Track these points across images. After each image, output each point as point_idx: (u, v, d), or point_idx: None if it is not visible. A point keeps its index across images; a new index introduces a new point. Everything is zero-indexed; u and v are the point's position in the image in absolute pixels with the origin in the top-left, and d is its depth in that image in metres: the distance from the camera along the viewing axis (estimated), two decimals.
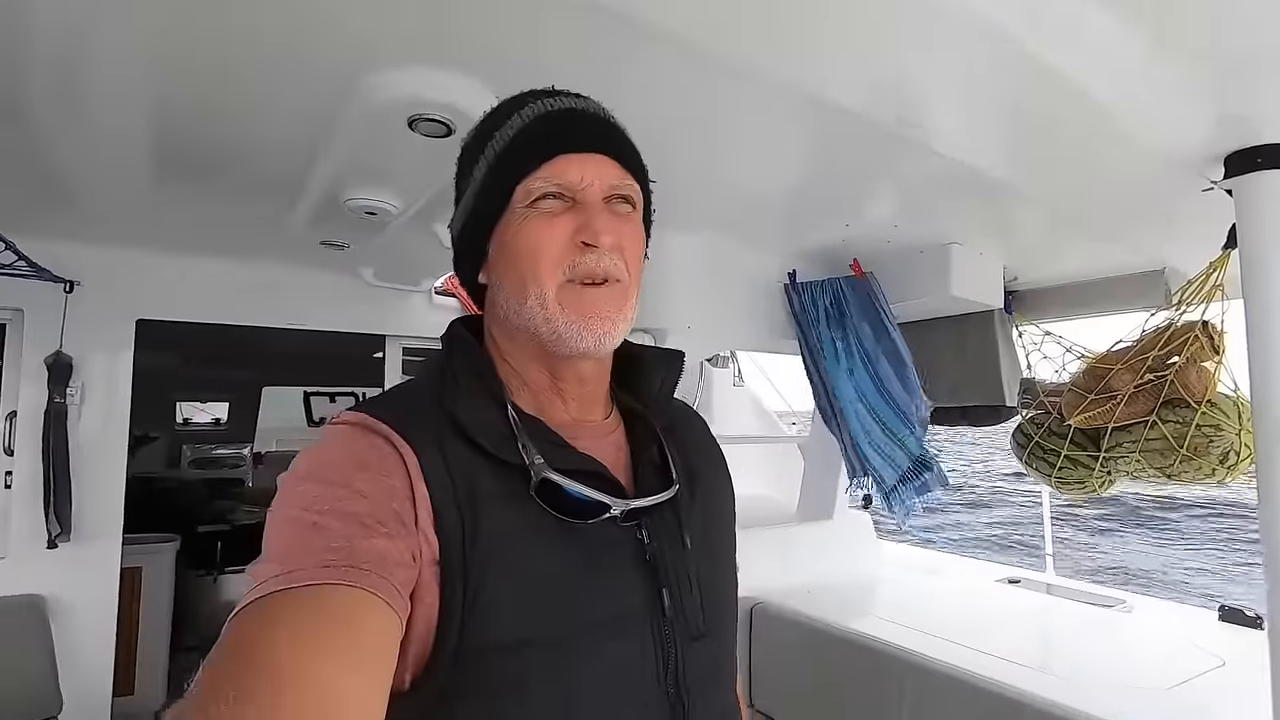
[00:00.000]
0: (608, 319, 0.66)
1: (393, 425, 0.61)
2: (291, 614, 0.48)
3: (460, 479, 0.60)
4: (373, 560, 0.52)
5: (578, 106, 0.71)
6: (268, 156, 1.61)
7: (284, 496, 0.58)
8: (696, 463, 0.78)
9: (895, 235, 2.04)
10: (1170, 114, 1.20)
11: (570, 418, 0.72)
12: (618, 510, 0.64)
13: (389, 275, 2.72)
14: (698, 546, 0.71)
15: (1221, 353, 1.54)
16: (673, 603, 0.66)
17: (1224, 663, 1.89)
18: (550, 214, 0.66)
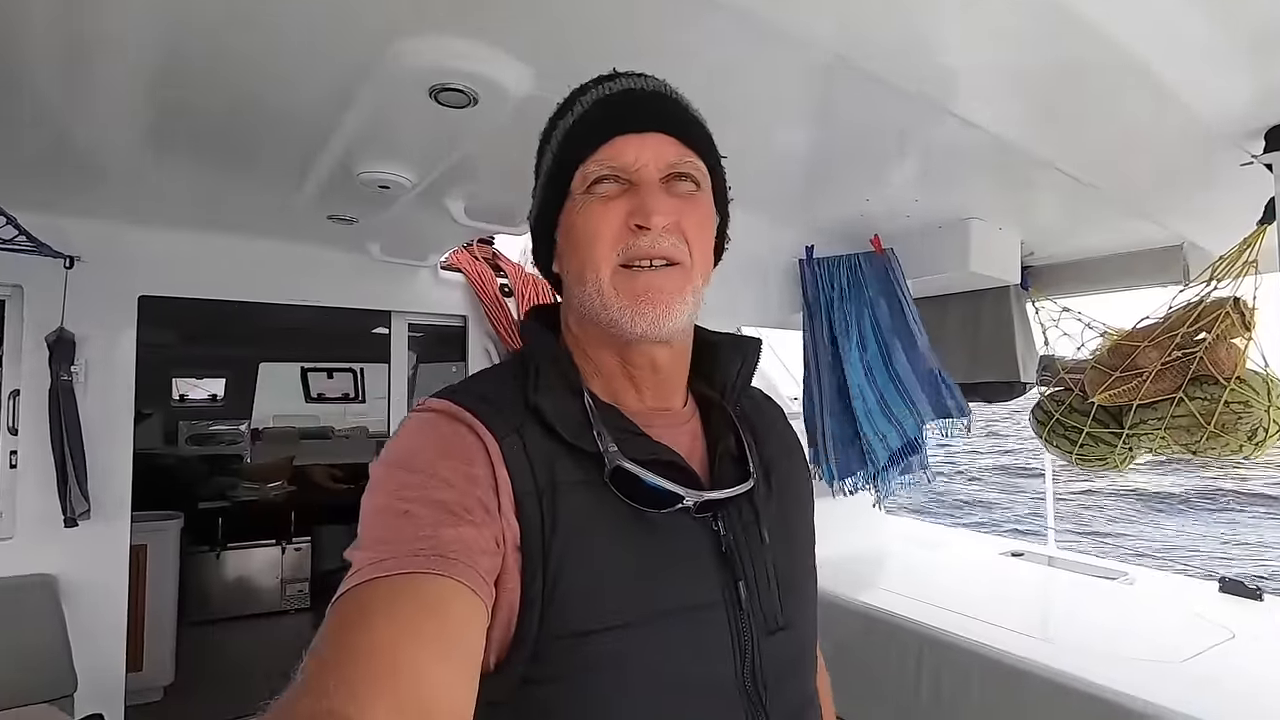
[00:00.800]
0: (661, 302, 0.64)
1: (475, 413, 0.62)
2: (386, 603, 0.50)
3: (540, 466, 0.61)
4: (459, 549, 0.54)
5: (635, 86, 0.69)
6: (279, 127, 1.56)
7: (375, 484, 0.59)
8: (773, 453, 0.77)
9: (915, 210, 2.01)
10: (1216, 82, 1.17)
11: (645, 406, 0.71)
12: (691, 501, 0.63)
13: (396, 250, 2.67)
14: (776, 539, 0.70)
15: (1252, 329, 1.53)
16: (750, 596, 0.66)
17: (1233, 635, 1.92)
18: (606, 197, 0.66)
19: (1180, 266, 2.10)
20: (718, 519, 0.67)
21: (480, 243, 3.20)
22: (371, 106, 1.39)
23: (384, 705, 0.44)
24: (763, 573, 0.67)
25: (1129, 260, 2.23)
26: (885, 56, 1.14)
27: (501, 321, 3.02)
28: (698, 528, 0.66)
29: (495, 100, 1.33)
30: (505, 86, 1.28)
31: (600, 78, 0.71)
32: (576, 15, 1.08)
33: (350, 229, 2.36)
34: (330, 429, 6.61)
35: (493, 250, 3.32)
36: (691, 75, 1.28)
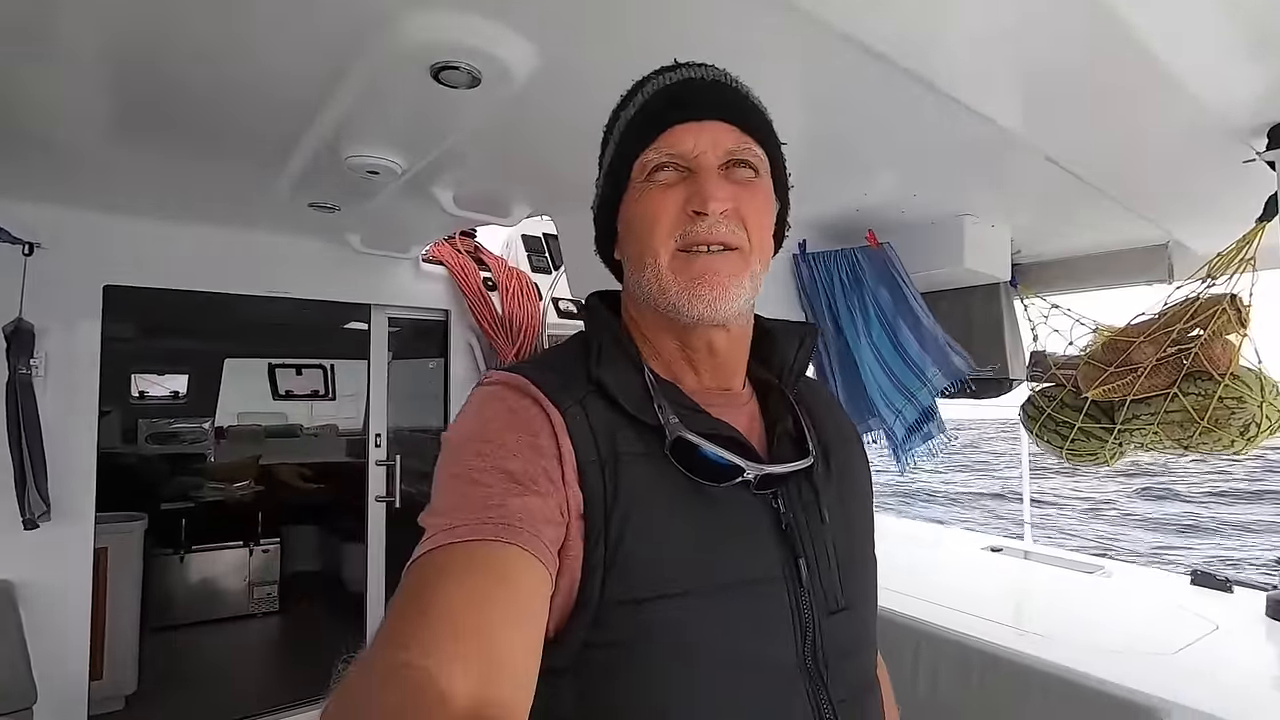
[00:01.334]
0: (718, 285, 0.65)
1: (539, 386, 0.64)
2: (460, 568, 0.53)
3: (603, 437, 0.63)
4: (525, 518, 0.56)
5: (695, 76, 0.71)
6: (262, 109, 1.48)
7: (447, 453, 0.62)
8: (831, 438, 0.77)
9: (910, 205, 2.01)
10: (1224, 76, 1.17)
11: (704, 386, 0.72)
12: (751, 474, 0.64)
13: (378, 241, 2.60)
14: (836, 520, 0.70)
15: (1247, 326, 1.55)
16: (810, 574, 0.66)
17: (1217, 626, 1.96)
18: (664, 185, 0.67)
19: (1165, 265, 2.13)
20: (777, 497, 0.67)
21: (462, 235, 3.13)
22: (365, 85, 1.33)
23: (460, 663, 0.47)
24: (823, 552, 0.68)
25: (1114, 259, 2.27)
26: (892, 40, 1.11)
27: (485, 316, 2.96)
28: (757, 504, 0.66)
29: (498, 81, 1.27)
30: (510, 66, 1.23)
31: (661, 69, 0.73)
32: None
33: (331, 218, 2.28)
34: (298, 427, 6.42)
35: (475, 243, 3.25)
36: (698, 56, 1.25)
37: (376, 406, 3.04)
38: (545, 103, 1.41)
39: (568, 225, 2.26)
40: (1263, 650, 1.87)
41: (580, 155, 1.76)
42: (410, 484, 3.04)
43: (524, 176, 1.94)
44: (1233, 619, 2.07)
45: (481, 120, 1.47)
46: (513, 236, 3.46)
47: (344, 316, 3.85)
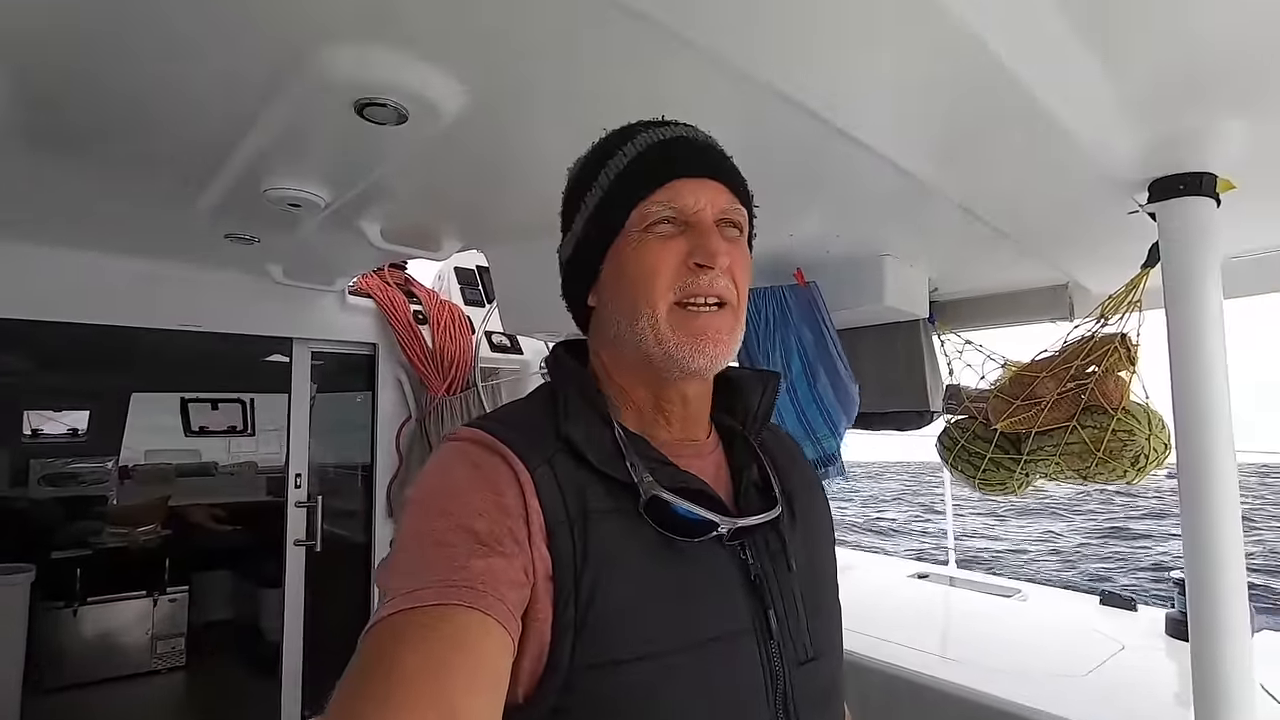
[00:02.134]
0: (719, 340, 0.68)
1: (506, 442, 0.63)
2: (419, 634, 0.52)
3: (571, 496, 0.62)
4: (489, 581, 0.55)
5: (689, 135, 0.74)
6: (175, 136, 1.42)
7: (410, 511, 0.62)
8: (796, 485, 0.78)
9: (835, 245, 2.09)
10: (1112, 134, 1.27)
11: (673, 437, 0.73)
12: (725, 529, 0.65)
13: (300, 273, 2.50)
14: (802, 569, 0.71)
15: (1135, 363, 1.67)
16: (780, 625, 0.67)
17: (1123, 646, 2.07)
18: (664, 237, 0.68)
19: (1066, 304, 2.28)
20: (745, 547, 0.68)
21: (392, 267, 3.06)
22: (287, 118, 1.29)
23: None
24: (791, 601, 0.69)
25: (1020, 297, 2.41)
26: (812, 92, 1.15)
27: (415, 350, 2.89)
28: (726, 556, 0.67)
29: (426, 118, 1.26)
30: (437, 104, 1.22)
31: (650, 122, 0.75)
32: (516, 35, 1.04)
33: (250, 249, 2.19)
34: (213, 465, 6.06)
35: (405, 275, 3.19)
36: (628, 102, 1.26)
37: (297, 444, 2.91)
38: (475, 140, 1.41)
39: (500, 259, 2.25)
40: (1164, 667, 1.98)
41: (511, 191, 1.78)
42: (334, 524, 2.91)
43: (454, 211, 1.92)
44: (1137, 638, 2.19)
45: (409, 156, 1.45)
46: (445, 269, 3.41)
47: (265, 349, 3.69)
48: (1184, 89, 1.15)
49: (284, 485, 2.92)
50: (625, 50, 1.07)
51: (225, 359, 4.68)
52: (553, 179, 1.77)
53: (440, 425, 2.93)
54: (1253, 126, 1.24)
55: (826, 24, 0.94)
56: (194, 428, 5.89)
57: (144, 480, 5.44)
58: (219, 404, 5.94)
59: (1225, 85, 1.13)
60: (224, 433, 6.10)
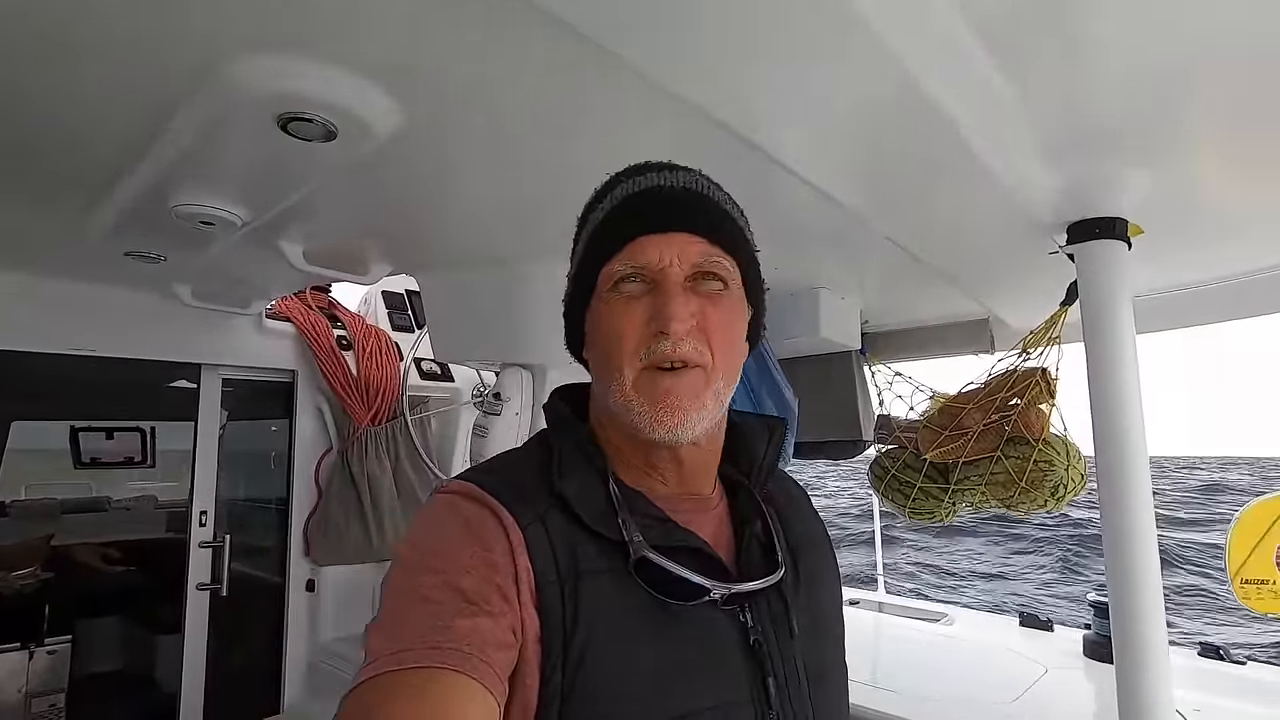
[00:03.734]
0: (679, 408, 0.63)
1: (498, 497, 0.62)
2: (400, 700, 0.50)
3: (563, 554, 0.60)
4: (475, 643, 0.53)
5: (664, 183, 0.69)
6: (71, 145, 1.29)
7: (398, 566, 0.60)
8: (801, 540, 0.75)
9: (773, 277, 2.10)
10: (1034, 177, 1.34)
11: (672, 491, 0.70)
12: (718, 594, 0.62)
13: (212, 295, 2.34)
14: (805, 633, 0.67)
15: (1054, 396, 1.75)
16: (779, 694, 0.63)
17: (1046, 669, 2.13)
18: (630, 297, 0.66)
19: (987, 338, 2.38)
20: (745, 610, 0.65)
21: (314, 290, 2.91)
22: (198, 130, 1.19)
23: None
24: (792, 668, 0.65)
25: (946, 330, 2.50)
26: (749, 121, 1.16)
27: (338, 378, 2.74)
28: (725, 619, 0.64)
29: (357, 137, 1.19)
30: (370, 123, 1.16)
31: (631, 169, 0.72)
32: (450, 51, 1.00)
33: (154, 268, 2.02)
34: (106, 500, 5.56)
35: (329, 299, 3.03)
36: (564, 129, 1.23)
37: (204, 479, 2.69)
38: (408, 162, 1.35)
39: (432, 286, 2.16)
40: (1085, 689, 2.05)
41: (447, 216, 1.72)
42: (242, 563, 2.70)
43: (384, 235, 1.83)
44: (1058, 659, 2.27)
45: (337, 174, 1.37)
46: (372, 292, 3.27)
47: (170, 374, 3.43)
48: (1097, 138, 1.22)
49: (187, 521, 2.69)
50: (560, 73, 1.04)
51: (123, 385, 4.33)
52: (489, 209, 1.73)
53: (364, 457, 2.77)
54: (1156, 176, 1.33)
55: (751, 45, 0.92)
56: (85, 459, 5.40)
57: (23, 517, 4.92)
58: (114, 433, 5.49)
59: (1131, 136, 1.20)
60: (120, 464, 5.62)
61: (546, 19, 0.84)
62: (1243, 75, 1.01)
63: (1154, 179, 1.34)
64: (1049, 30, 0.94)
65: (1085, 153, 1.27)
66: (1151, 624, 1.30)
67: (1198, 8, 0.87)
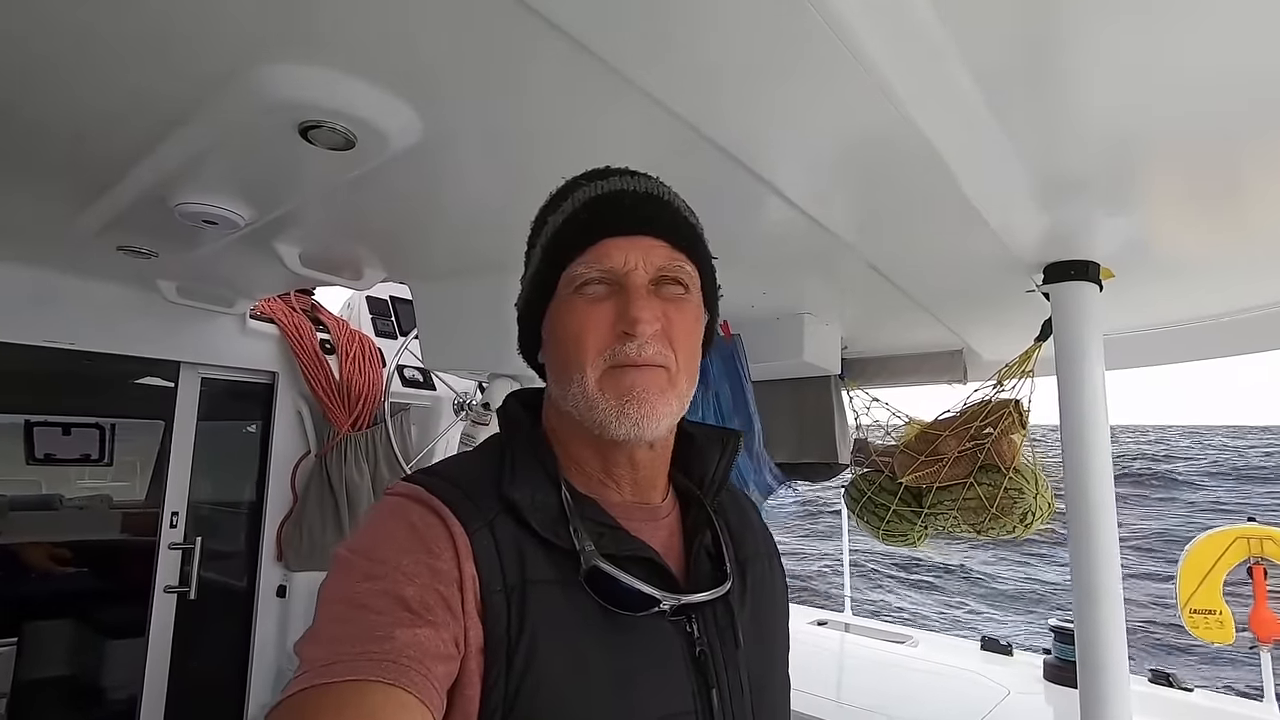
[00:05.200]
0: (646, 403, 0.63)
1: (445, 500, 0.60)
2: (332, 714, 0.48)
3: (510, 562, 0.59)
4: (413, 655, 0.51)
5: (627, 187, 0.69)
6: (80, 137, 1.29)
7: (337, 570, 0.58)
8: (749, 553, 0.76)
9: (760, 302, 2.17)
10: (1017, 219, 1.42)
11: (625, 499, 0.70)
12: (667, 605, 0.62)
13: (197, 292, 2.31)
14: (750, 645, 0.68)
15: (1025, 427, 1.83)
16: (722, 704, 0.63)
17: (1009, 692, 2.20)
18: (594, 299, 0.66)
19: (961, 368, 2.48)
20: (692, 621, 0.65)
21: (299, 292, 2.89)
22: (218, 133, 1.21)
23: None
24: (736, 679, 0.66)
25: (921, 360, 2.59)
26: (750, 152, 1.20)
27: (320, 381, 2.72)
28: (671, 630, 0.64)
29: (373, 147, 1.22)
30: (388, 135, 1.19)
31: (592, 173, 0.71)
32: (470, 68, 1.03)
33: (141, 263, 2.00)
34: (57, 498, 5.35)
35: (312, 301, 3.01)
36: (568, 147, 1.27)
37: (177, 480, 2.64)
38: (417, 171, 1.37)
39: (426, 295, 2.17)
40: (1044, 711, 2.12)
41: (446, 225, 1.74)
42: (212, 569, 2.64)
43: (383, 241, 1.85)
44: (1018, 683, 2.35)
45: (346, 181, 1.39)
46: (356, 297, 3.25)
47: (136, 370, 3.35)
48: (1077, 188, 1.30)
49: (144, 523, 2.64)
50: (568, 92, 1.07)
51: (82, 378, 4.21)
52: (487, 220, 1.76)
53: (343, 462, 2.75)
54: (1129, 224, 1.42)
55: (753, 74, 0.96)
56: (39, 454, 5.22)
57: None
58: (71, 429, 5.31)
59: (1107, 188, 1.29)
60: (75, 461, 5.44)
61: (561, 37, 0.88)
62: (1202, 145, 1.12)
63: (1126, 228, 1.43)
64: (1039, 85, 1.01)
65: (1065, 200, 1.35)
66: (1114, 651, 1.37)
67: (1166, 87, 0.96)
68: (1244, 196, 1.32)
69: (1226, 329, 1.89)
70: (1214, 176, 1.24)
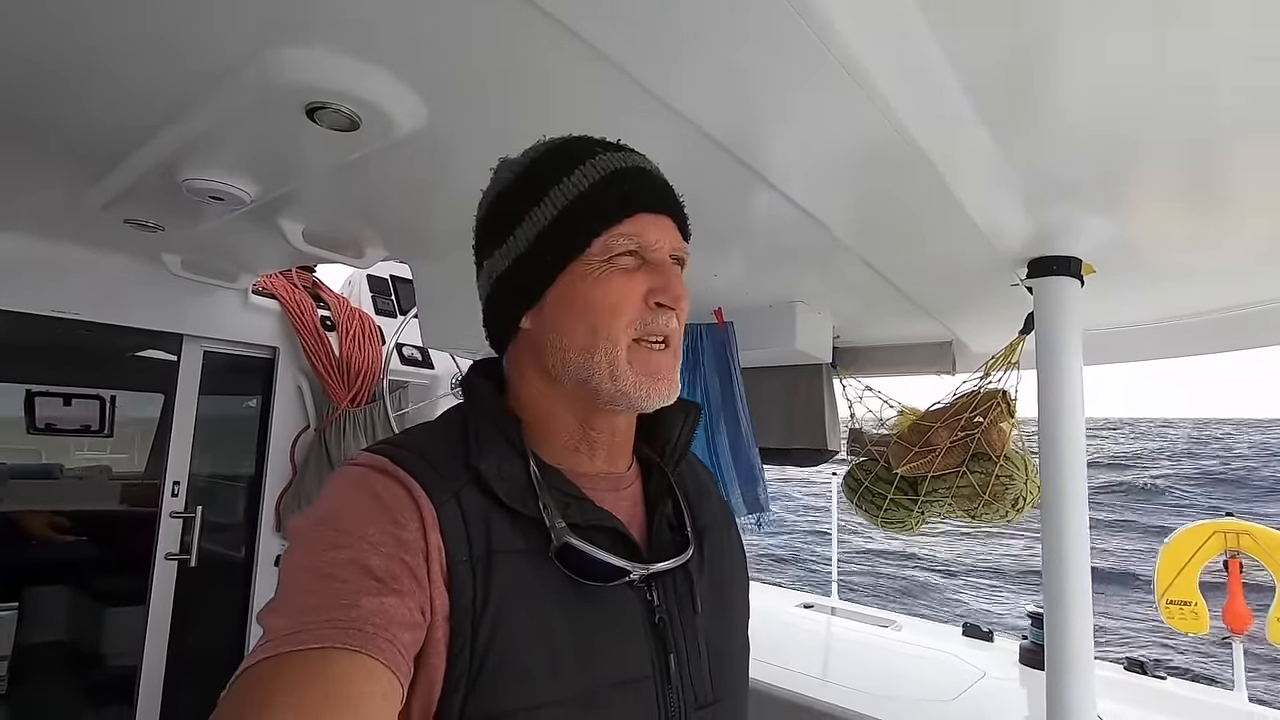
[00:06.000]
0: (671, 380, 0.68)
1: (410, 471, 0.60)
2: (296, 682, 0.48)
3: (476, 533, 0.59)
4: (379, 622, 0.52)
5: (647, 167, 0.72)
6: (90, 112, 1.32)
7: (297, 540, 0.58)
8: (708, 522, 0.78)
9: (753, 289, 2.21)
10: (1003, 215, 1.45)
11: (593, 470, 0.71)
12: (636, 575, 0.64)
13: (200, 266, 2.34)
14: (708, 612, 0.70)
15: (1014, 415, 1.88)
16: (679, 668, 0.66)
17: (984, 674, 2.27)
18: (628, 271, 0.67)
19: (950, 359, 2.52)
20: (652, 588, 0.67)
21: (300, 269, 2.93)
22: (226, 113, 1.24)
23: None
24: (694, 644, 0.68)
25: (911, 350, 2.64)
26: (738, 137, 1.22)
27: (320, 357, 2.76)
28: (633, 597, 0.66)
29: (378, 129, 1.25)
30: (394, 118, 1.22)
31: (600, 142, 0.72)
32: (477, 53, 1.06)
33: (147, 236, 2.03)
34: (57, 467, 5.40)
35: (313, 278, 3.05)
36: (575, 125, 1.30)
37: (179, 451, 2.69)
38: (422, 152, 1.41)
39: (427, 274, 2.21)
40: (1018, 693, 2.20)
41: (449, 206, 1.78)
42: (211, 540, 2.70)
43: (387, 220, 1.88)
44: (995, 666, 2.42)
45: (351, 162, 1.42)
46: (356, 275, 3.29)
47: (137, 342, 3.39)
48: (1062, 187, 1.34)
49: (143, 494, 2.69)
50: (575, 81, 1.10)
51: (84, 349, 4.24)
52: None
53: (341, 437, 2.80)
54: (1111, 223, 1.46)
55: (753, 75, 0.99)
56: (40, 424, 5.25)
57: None
58: (72, 399, 5.35)
59: (1091, 188, 1.33)
60: (76, 432, 5.48)
61: (566, 31, 0.92)
62: (1182, 149, 1.16)
63: (1108, 226, 1.47)
64: (1027, 89, 1.05)
65: (1049, 199, 1.39)
66: (1080, 634, 1.43)
67: (1149, 88, 1.00)
68: (1224, 198, 1.36)
69: (1203, 327, 1.94)
70: (1195, 178, 1.28)
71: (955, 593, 15.58)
